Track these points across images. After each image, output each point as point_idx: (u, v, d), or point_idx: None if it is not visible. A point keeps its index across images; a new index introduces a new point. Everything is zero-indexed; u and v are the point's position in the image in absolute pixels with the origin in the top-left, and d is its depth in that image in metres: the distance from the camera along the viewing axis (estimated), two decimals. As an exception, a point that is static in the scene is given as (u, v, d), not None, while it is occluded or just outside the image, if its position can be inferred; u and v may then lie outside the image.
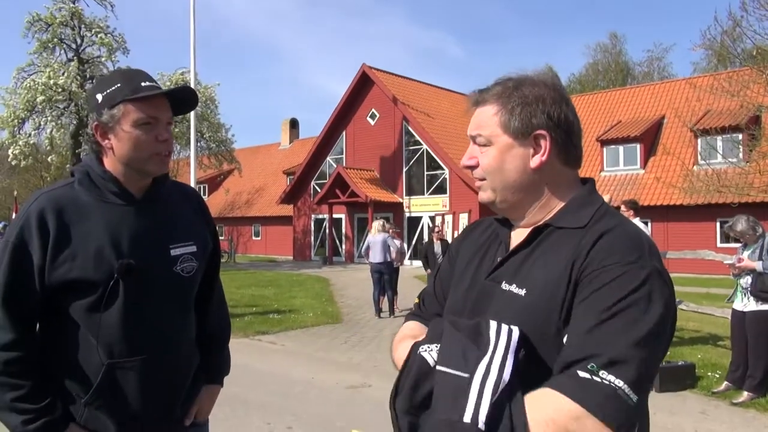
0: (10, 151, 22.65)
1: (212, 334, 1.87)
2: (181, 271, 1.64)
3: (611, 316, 0.99)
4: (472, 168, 1.23)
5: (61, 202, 1.55)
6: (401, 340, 1.37)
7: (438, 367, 1.03)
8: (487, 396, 0.96)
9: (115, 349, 1.53)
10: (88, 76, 23.19)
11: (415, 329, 1.43)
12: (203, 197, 1.95)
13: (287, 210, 30.08)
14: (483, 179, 1.22)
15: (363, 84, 25.73)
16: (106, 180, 1.59)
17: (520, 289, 1.11)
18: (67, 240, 1.52)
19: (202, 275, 1.78)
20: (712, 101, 15.59)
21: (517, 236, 1.23)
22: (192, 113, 19.36)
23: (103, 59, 23.58)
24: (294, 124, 38.98)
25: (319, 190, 26.25)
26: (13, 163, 23.22)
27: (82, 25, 23.27)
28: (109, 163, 1.61)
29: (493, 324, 1.05)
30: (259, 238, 34.16)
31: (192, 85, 20.10)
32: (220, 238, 33.71)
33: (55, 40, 22.97)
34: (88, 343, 1.54)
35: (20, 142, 22.48)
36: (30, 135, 23.01)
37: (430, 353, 1.08)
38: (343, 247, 26.79)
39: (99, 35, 23.29)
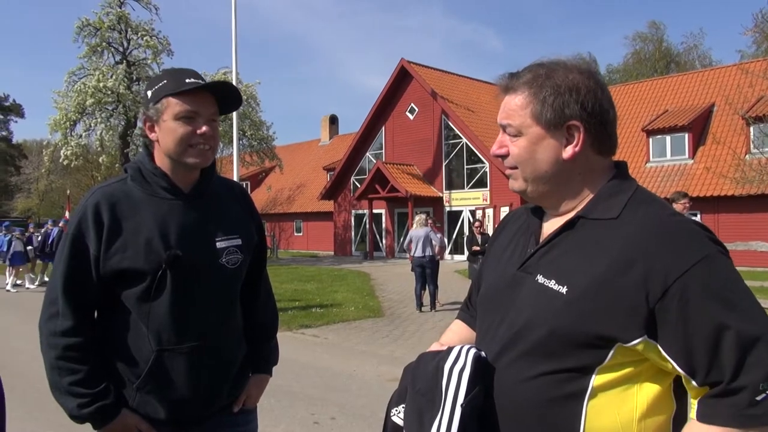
0: (62, 152, 23.52)
1: (260, 325, 1.93)
2: (227, 263, 1.70)
3: (730, 325, 0.98)
4: (503, 157, 1.22)
5: (114, 197, 1.64)
6: (442, 339, 1.43)
7: None
8: None
9: (163, 337, 1.61)
10: (134, 78, 23.87)
11: (455, 329, 1.49)
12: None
13: (328, 206, 30.33)
14: (514, 168, 1.20)
15: (402, 79, 25.69)
16: (156, 176, 1.67)
17: (561, 287, 1.09)
18: (119, 232, 1.60)
19: (249, 268, 1.84)
20: (765, 87, 14.98)
21: (549, 227, 1.21)
22: (234, 112, 19.72)
23: (148, 61, 24.20)
24: (333, 121, 39.20)
25: (359, 185, 26.37)
26: (65, 163, 24.12)
27: (129, 29, 23.92)
28: (158, 157, 1.69)
29: (446, 367, 1.12)
30: (300, 234, 34.58)
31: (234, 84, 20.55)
32: (263, 234, 34.13)
33: (104, 44, 23.68)
34: (139, 330, 1.62)
35: (72, 144, 23.31)
36: (81, 136, 23.81)
37: (399, 416, 1.17)
38: (384, 242, 26.86)
39: (145, 38, 23.92)
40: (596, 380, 1.06)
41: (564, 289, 1.08)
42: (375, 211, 26.30)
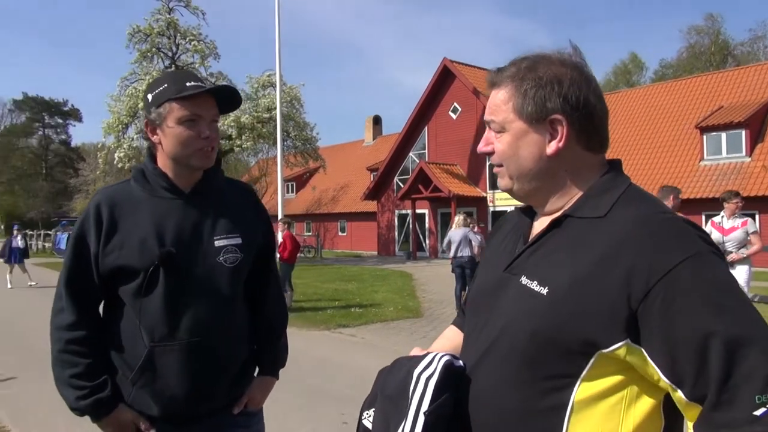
0: (116, 155, 24.43)
1: (265, 326, 1.91)
2: (224, 262, 1.71)
3: (726, 337, 0.88)
4: (489, 154, 1.17)
5: (115, 197, 1.70)
6: (433, 345, 1.39)
7: None
8: None
9: (155, 333, 1.63)
10: (183, 82, 24.51)
11: (448, 335, 1.46)
12: (257, 194, 2.01)
13: (371, 206, 30.45)
14: (500, 165, 1.16)
15: (444, 78, 25.55)
16: (156, 176, 1.71)
17: (542, 288, 1.03)
18: (116, 230, 1.66)
19: (255, 267, 1.84)
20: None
21: (539, 226, 1.16)
22: (278, 114, 20.03)
23: (196, 65, 24.82)
24: (377, 121, 39.34)
25: (402, 185, 26.37)
26: (119, 165, 25.03)
27: (177, 34, 24.62)
28: (161, 159, 1.73)
29: (415, 373, 1.08)
30: (344, 234, 34.83)
31: (278, 87, 20.85)
32: (308, 234, 34.87)
33: (153, 49, 24.46)
34: (134, 326, 1.65)
35: (124, 146, 24.21)
36: (133, 139, 24.69)
37: (369, 419, 1.15)
38: (427, 242, 26.78)
39: (192, 43, 24.57)
40: (578, 393, 0.99)
41: (545, 290, 1.03)
42: (418, 211, 26.24)
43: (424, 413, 1.03)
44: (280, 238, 10.64)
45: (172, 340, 1.63)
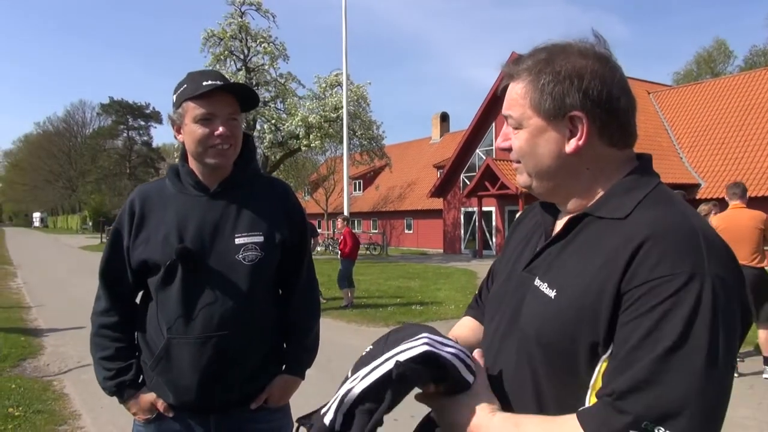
0: (190, 154, 25.49)
1: (291, 324, 1.91)
2: (243, 259, 1.73)
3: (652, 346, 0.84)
4: (508, 150, 1.12)
5: (148, 194, 1.79)
6: (453, 330, 1.36)
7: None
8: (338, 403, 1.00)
9: (172, 326, 1.69)
10: (254, 83, 25.22)
11: (465, 322, 1.41)
12: (293, 192, 1.98)
13: (438, 203, 30.31)
14: (519, 161, 1.11)
15: (512, 73, 25.00)
16: (186, 174, 1.77)
17: (551, 290, 0.99)
18: (145, 225, 1.75)
19: (284, 266, 1.85)
20: None
21: (561, 224, 1.11)
22: (345, 113, 20.24)
23: (266, 67, 25.47)
24: (444, 118, 39.03)
25: (468, 182, 26.08)
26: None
27: (249, 37, 25.33)
28: (189, 157, 1.79)
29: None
30: (411, 232, 34.84)
31: (344, 86, 21.09)
32: (374, 231, 35.00)
33: (226, 52, 25.26)
34: (156, 317, 1.73)
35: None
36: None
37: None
38: (494, 240, 26.36)
39: (263, 45, 25.21)
40: (591, 401, 0.93)
41: (553, 294, 0.99)
42: (485, 208, 25.88)
43: (396, 361, 0.98)
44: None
45: (187, 334, 1.68)
